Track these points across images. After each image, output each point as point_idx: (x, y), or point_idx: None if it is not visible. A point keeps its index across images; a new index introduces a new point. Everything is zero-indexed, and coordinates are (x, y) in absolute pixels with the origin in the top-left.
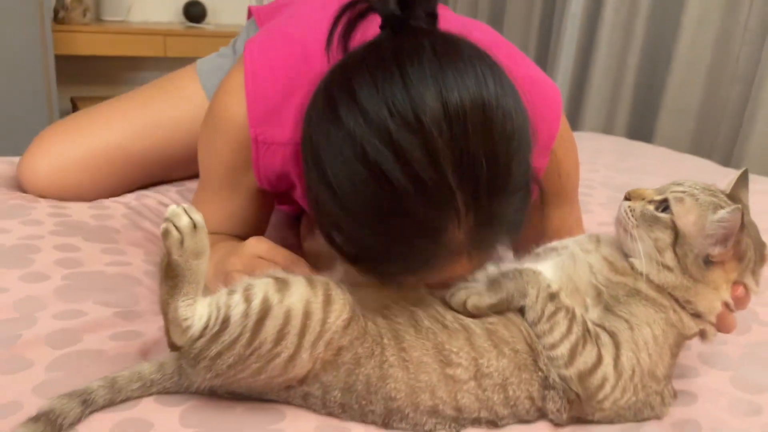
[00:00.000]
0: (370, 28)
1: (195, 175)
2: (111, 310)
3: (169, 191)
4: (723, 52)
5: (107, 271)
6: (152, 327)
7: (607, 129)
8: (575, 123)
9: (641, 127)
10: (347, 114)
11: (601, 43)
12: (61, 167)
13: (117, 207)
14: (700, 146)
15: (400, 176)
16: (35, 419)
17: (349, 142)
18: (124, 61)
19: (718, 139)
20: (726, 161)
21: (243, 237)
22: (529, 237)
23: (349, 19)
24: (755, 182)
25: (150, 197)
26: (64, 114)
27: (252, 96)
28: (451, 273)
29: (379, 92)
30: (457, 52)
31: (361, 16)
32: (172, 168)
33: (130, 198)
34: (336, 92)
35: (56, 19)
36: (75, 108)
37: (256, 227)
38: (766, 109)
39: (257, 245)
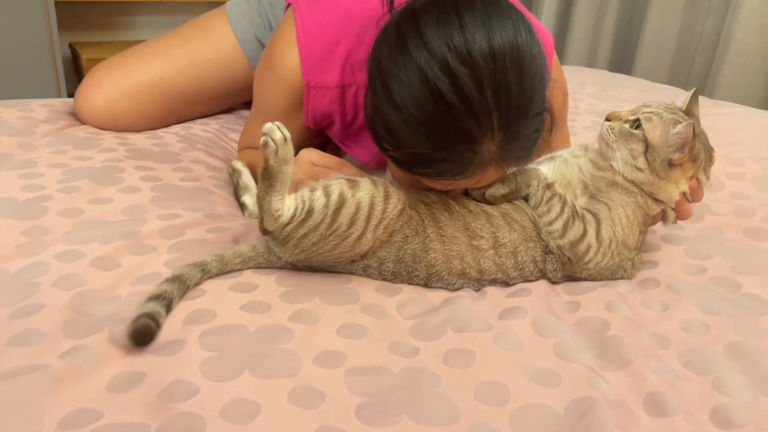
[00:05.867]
0: None
1: (229, 109)
2: (198, 213)
3: (210, 123)
4: None
5: (184, 185)
6: (235, 224)
7: (590, 63)
8: (561, 58)
9: (622, 60)
10: (415, 47)
11: None
12: (110, 97)
13: (170, 136)
14: (677, 77)
15: (453, 96)
16: (172, 280)
17: (415, 68)
18: (121, 6)
19: (693, 71)
20: (700, 91)
21: None
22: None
23: None
24: (723, 107)
25: (195, 127)
26: (66, 60)
27: (304, 48)
28: (481, 181)
29: (440, 32)
30: (499, 4)
31: None
32: (208, 101)
33: (177, 128)
34: (406, 30)
35: None
36: (74, 53)
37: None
38: (737, 41)
39: (309, 154)
